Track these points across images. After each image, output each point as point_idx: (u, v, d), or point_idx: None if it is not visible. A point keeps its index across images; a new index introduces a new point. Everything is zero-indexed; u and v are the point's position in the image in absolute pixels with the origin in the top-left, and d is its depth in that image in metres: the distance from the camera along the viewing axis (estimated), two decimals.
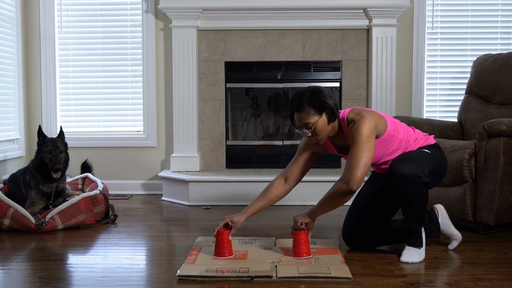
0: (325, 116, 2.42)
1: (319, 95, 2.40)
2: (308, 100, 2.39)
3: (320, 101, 2.39)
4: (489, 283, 2.17)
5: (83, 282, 2.21)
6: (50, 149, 3.29)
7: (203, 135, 4.35)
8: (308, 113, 2.39)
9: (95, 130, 4.48)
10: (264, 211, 3.66)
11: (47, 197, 3.32)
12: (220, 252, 2.46)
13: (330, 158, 4.34)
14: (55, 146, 3.30)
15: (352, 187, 2.32)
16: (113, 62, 4.47)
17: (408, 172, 2.34)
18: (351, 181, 2.32)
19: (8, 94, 4.13)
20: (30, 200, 3.27)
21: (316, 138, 2.46)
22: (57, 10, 4.43)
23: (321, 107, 2.40)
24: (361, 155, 2.32)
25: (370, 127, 2.35)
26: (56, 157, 3.27)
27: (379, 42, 4.17)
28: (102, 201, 3.35)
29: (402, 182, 2.36)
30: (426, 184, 2.37)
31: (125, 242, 2.87)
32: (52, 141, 3.33)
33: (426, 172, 2.38)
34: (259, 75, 4.34)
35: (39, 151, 3.33)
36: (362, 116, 2.38)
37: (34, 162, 3.35)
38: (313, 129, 2.42)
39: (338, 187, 2.37)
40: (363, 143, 2.33)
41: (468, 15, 4.38)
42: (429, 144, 2.55)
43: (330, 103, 2.40)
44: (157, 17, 4.39)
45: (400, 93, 4.37)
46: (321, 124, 2.41)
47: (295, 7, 4.12)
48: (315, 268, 2.28)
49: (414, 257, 2.45)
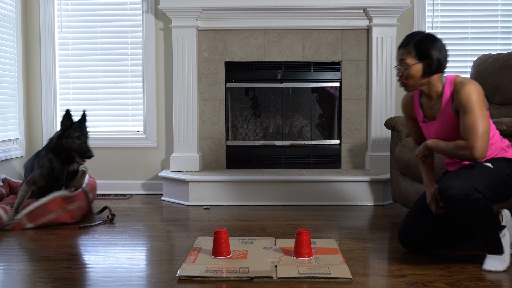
0: (422, 65, 2.35)
1: (429, 42, 2.33)
2: (416, 41, 2.33)
3: (426, 48, 2.32)
4: (489, 283, 2.17)
5: (83, 282, 2.21)
6: (78, 135, 3.28)
7: (203, 135, 4.35)
8: (409, 53, 2.34)
9: (95, 130, 4.48)
10: (264, 211, 3.67)
11: (52, 180, 3.33)
12: (218, 251, 2.47)
13: (330, 158, 4.34)
14: (84, 132, 3.31)
15: (477, 159, 2.25)
16: (113, 62, 4.47)
17: (454, 194, 2.22)
18: (476, 153, 2.23)
19: (8, 94, 4.13)
20: (31, 178, 3.29)
21: (403, 81, 2.40)
22: (57, 10, 4.43)
23: (423, 55, 2.33)
24: (479, 124, 2.22)
25: (480, 95, 2.25)
26: (85, 143, 3.30)
27: (379, 42, 4.17)
28: (80, 197, 3.38)
29: (451, 203, 2.25)
30: (479, 199, 2.22)
31: (125, 242, 2.87)
32: (79, 127, 3.32)
33: (480, 188, 2.22)
34: (259, 75, 4.33)
35: (63, 136, 3.29)
36: (473, 82, 2.28)
37: (55, 145, 3.31)
38: (405, 69, 2.36)
39: (463, 152, 2.27)
40: (478, 110, 2.23)
41: (468, 15, 4.38)
42: (504, 157, 2.39)
43: (434, 55, 2.32)
44: (157, 17, 4.39)
45: (400, 93, 4.37)
46: (414, 70, 2.35)
47: (295, 7, 4.12)
48: (315, 268, 2.29)
49: (497, 265, 2.31)
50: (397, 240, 2.89)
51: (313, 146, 4.38)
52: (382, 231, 3.11)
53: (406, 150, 3.33)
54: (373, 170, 4.17)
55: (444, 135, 2.42)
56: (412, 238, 2.57)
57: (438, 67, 2.36)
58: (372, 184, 3.90)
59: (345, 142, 4.33)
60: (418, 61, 2.35)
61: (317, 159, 4.36)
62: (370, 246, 2.75)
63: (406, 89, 2.43)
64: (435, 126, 2.46)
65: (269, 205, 3.87)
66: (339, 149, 4.35)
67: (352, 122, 4.32)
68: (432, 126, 2.48)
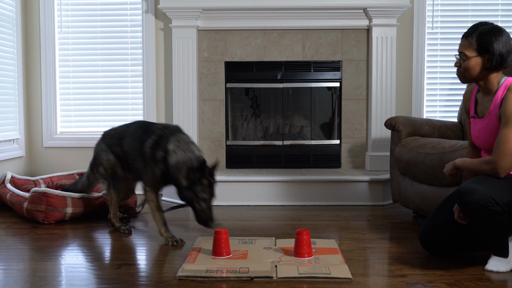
0: (482, 59, 2.27)
1: (492, 36, 2.24)
2: (479, 33, 2.25)
3: (488, 41, 2.24)
4: (489, 283, 2.17)
5: (83, 282, 2.21)
6: (206, 198, 2.72)
7: (203, 135, 4.35)
8: (470, 45, 2.27)
9: (95, 130, 4.48)
10: (264, 211, 3.67)
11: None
12: (218, 251, 2.47)
13: (330, 158, 4.34)
14: (213, 195, 2.76)
15: (499, 175, 2.21)
16: (113, 62, 4.47)
17: (472, 201, 2.17)
18: (498, 170, 2.20)
19: (8, 94, 4.13)
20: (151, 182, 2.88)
21: (461, 72, 2.33)
22: (57, 10, 4.43)
23: (484, 48, 2.24)
24: (511, 141, 2.16)
25: None
26: (210, 210, 2.75)
27: (379, 42, 4.17)
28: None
29: (467, 209, 2.21)
30: (497, 212, 2.16)
31: (125, 242, 2.87)
32: (210, 188, 2.74)
33: (501, 200, 2.15)
34: (259, 75, 4.33)
35: (188, 187, 2.71)
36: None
37: (179, 189, 2.75)
38: (464, 61, 2.29)
39: (486, 167, 2.24)
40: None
41: (468, 15, 4.38)
42: None
43: (495, 49, 2.23)
44: (157, 17, 4.39)
45: (400, 93, 4.37)
46: (473, 62, 2.28)
47: (295, 7, 4.12)
48: (315, 268, 2.28)
49: (501, 266, 2.28)
50: (397, 240, 2.89)
51: (313, 146, 4.38)
52: (382, 231, 3.11)
53: (406, 150, 3.33)
54: (373, 170, 4.17)
55: (485, 137, 2.37)
56: (434, 242, 2.53)
57: (500, 63, 2.26)
58: (372, 184, 3.90)
59: (345, 142, 4.33)
60: (478, 54, 2.27)
61: (317, 159, 4.36)
62: (370, 246, 2.75)
63: (462, 81, 2.36)
64: (480, 125, 2.40)
65: (269, 205, 3.87)
66: (339, 149, 4.35)
67: (352, 122, 4.32)
68: (478, 124, 2.41)
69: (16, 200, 3.41)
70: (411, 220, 3.40)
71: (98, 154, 3.18)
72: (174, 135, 2.79)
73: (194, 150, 2.75)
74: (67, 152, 4.44)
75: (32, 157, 4.47)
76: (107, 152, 3.13)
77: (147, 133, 2.88)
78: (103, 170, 3.13)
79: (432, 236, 2.52)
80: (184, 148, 2.73)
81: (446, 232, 2.48)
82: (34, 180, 3.85)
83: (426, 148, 3.18)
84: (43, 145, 4.46)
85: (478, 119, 2.42)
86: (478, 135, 2.42)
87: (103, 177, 3.14)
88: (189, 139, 2.82)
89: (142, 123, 3.08)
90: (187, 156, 2.70)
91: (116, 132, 3.16)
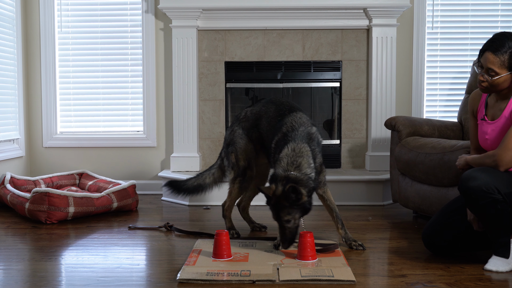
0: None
1: None
2: (511, 48, 2.20)
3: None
4: (489, 283, 2.17)
5: (83, 282, 2.21)
6: (289, 219, 2.51)
7: (203, 135, 4.35)
8: (500, 62, 2.21)
9: (95, 130, 4.48)
10: (264, 211, 3.66)
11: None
12: (219, 254, 2.45)
13: (330, 158, 4.34)
14: (295, 217, 2.54)
15: (499, 168, 2.24)
16: (113, 62, 4.46)
17: (474, 186, 2.19)
18: (499, 162, 2.23)
19: (8, 94, 4.13)
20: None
21: (486, 86, 2.29)
22: (57, 10, 4.43)
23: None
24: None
25: None
26: (292, 233, 2.54)
27: (379, 42, 4.17)
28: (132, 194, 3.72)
29: (469, 196, 2.23)
30: (498, 201, 2.18)
31: (125, 242, 2.87)
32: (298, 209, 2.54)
33: (502, 190, 2.18)
34: (259, 75, 4.33)
35: (285, 206, 2.49)
36: None
37: (283, 188, 2.47)
38: (492, 79, 2.25)
39: (488, 160, 2.28)
40: None
41: (468, 15, 4.38)
42: None
43: None
44: (157, 17, 4.39)
45: (400, 93, 4.37)
46: (503, 80, 2.24)
47: (295, 7, 4.12)
48: (318, 271, 2.27)
49: (501, 266, 2.28)
50: (397, 240, 2.90)
51: None
52: (382, 231, 3.11)
53: (406, 150, 3.33)
54: (373, 170, 4.17)
55: (497, 138, 2.38)
56: (438, 242, 2.53)
57: None
58: (372, 184, 3.90)
59: (345, 142, 4.33)
60: (509, 71, 2.23)
61: None
62: (370, 246, 2.75)
63: (484, 92, 2.35)
64: (492, 127, 2.41)
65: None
66: (339, 149, 4.35)
67: (352, 122, 4.32)
68: (488, 127, 2.43)
69: (17, 201, 3.41)
70: (411, 220, 3.40)
71: (233, 141, 2.93)
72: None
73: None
74: (67, 152, 4.44)
75: (32, 157, 4.47)
76: (242, 138, 2.90)
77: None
78: (234, 159, 2.92)
79: (435, 236, 2.53)
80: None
81: (450, 232, 2.49)
82: (34, 180, 3.85)
83: (426, 148, 3.19)
84: (43, 145, 4.46)
85: (488, 121, 2.44)
86: (487, 138, 2.44)
87: (232, 167, 2.94)
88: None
89: (276, 101, 2.91)
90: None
91: (252, 113, 2.93)
